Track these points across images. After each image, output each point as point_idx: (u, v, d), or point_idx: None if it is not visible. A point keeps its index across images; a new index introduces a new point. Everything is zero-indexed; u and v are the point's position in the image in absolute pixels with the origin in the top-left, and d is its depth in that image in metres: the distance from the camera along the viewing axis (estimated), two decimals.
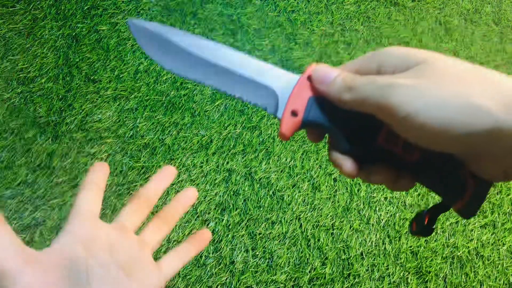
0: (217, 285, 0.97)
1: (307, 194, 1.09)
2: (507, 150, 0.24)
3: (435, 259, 1.07)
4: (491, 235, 1.12)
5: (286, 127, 0.30)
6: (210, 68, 0.33)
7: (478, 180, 0.27)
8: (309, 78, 0.31)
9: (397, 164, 0.29)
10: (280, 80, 0.32)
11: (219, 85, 0.33)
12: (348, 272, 1.02)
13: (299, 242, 1.04)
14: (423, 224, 0.30)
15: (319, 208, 1.08)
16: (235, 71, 0.32)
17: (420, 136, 0.25)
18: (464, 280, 1.06)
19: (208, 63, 0.33)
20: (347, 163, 0.30)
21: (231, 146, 1.12)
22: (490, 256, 1.09)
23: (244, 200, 1.06)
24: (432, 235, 1.10)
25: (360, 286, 1.01)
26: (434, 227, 0.30)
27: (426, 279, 1.04)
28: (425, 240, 1.09)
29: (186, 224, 1.02)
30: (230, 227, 1.03)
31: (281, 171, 1.10)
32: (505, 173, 0.26)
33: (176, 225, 1.01)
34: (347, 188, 1.11)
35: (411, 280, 1.03)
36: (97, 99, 1.13)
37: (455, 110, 0.24)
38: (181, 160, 1.08)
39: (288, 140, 0.35)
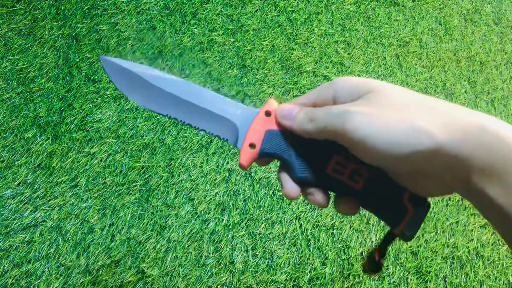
0: (217, 285, 0.97)
1: None
2: (446, 168, 0.27)
3: (435, 259, 1.07)
4: (491, 235, 1.12)
5: (245, 158, 0.34)
6: (177, 102, 0.36)
7: (417, 204, 0.31)
8: (267, 113, 0.35)
9: (343, 191, 0.33)
10: (240, 114, 0.36)
11: (185, 118, 0.36)
12: (348, 272, 1.02)
13: (299, 242, 1.04)
14: (374, 260, 0.33)
15: (319, 208, 1.08)
16: (200, 105, 0.36)
17: (372, 157, 0.29)
18: (464, 280, 1.06)
19: (175, 98, 0.36)
20: (292, 187, 0.34)
21: (231, 146, 1.12)
22: (490, 256, 1.09)
23: (244, 200, 1.06)
24: (433, 235, 1.10)
25: (360, 286, 1.01)
26: (382, 263, 0.33)
27: (426, 279, 1.04)
28: (425, 240, 1.09)
29: (186, 224, 1.02)
30: (230, 227, 1.03)
31: None
32: (442, 190, 0.30)
33: (175, 225, 1.01)
34: None
35: (411, 280, 1.03)
36: (97, 99, 1.14)
37: (400, 133, 0.27)
38: (181, 160, 1.08)
39: (247, 169, 0.41)
